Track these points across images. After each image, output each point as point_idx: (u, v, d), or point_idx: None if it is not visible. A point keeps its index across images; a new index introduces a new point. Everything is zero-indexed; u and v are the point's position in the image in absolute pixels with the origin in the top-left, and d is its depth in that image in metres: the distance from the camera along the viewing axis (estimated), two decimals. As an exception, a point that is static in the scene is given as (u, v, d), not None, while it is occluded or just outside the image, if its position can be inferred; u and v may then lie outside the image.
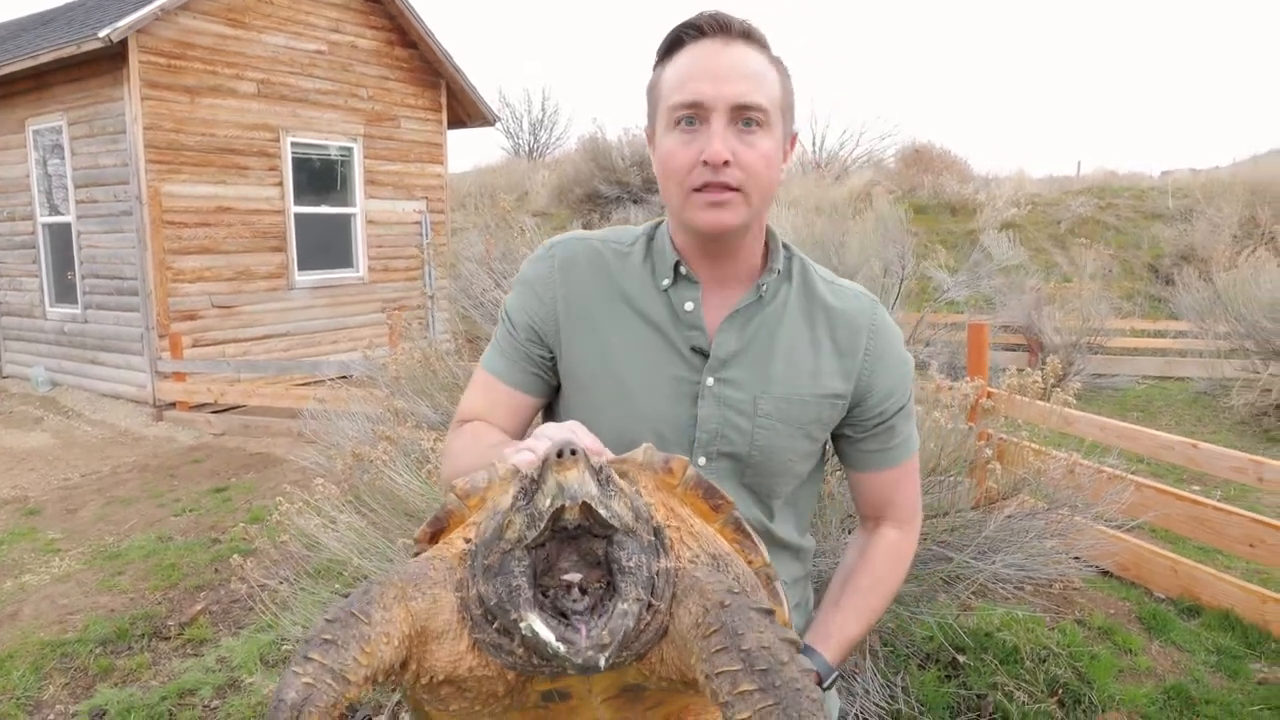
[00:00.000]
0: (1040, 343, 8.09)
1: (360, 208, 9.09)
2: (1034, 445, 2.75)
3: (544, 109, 28.74)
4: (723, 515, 0.89)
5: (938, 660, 2.78)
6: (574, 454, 0.71)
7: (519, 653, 0.74)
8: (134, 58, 7.06)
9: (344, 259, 9.05)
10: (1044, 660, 2.77)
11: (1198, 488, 4.59)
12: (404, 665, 0.76)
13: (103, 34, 6.66)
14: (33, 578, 4.02)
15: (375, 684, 0.73)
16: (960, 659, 2.76)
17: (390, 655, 0.73)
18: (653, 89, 1.07)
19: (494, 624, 0.75)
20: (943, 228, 12.76)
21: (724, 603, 0.72)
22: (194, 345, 7.68)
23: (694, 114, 1.00)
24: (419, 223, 9.71)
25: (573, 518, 0.71)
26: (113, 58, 7.08)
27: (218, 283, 7.90)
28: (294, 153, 8.42)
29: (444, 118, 9.91)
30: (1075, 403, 3.00)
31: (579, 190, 14.08)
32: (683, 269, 1.09)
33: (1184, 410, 7.23)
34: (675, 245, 1.10)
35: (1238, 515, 3.28)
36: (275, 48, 8.19)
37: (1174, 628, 3.15)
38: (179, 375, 7.39)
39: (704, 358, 1.08)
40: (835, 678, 1.05)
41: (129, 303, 7.63)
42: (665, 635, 0.76)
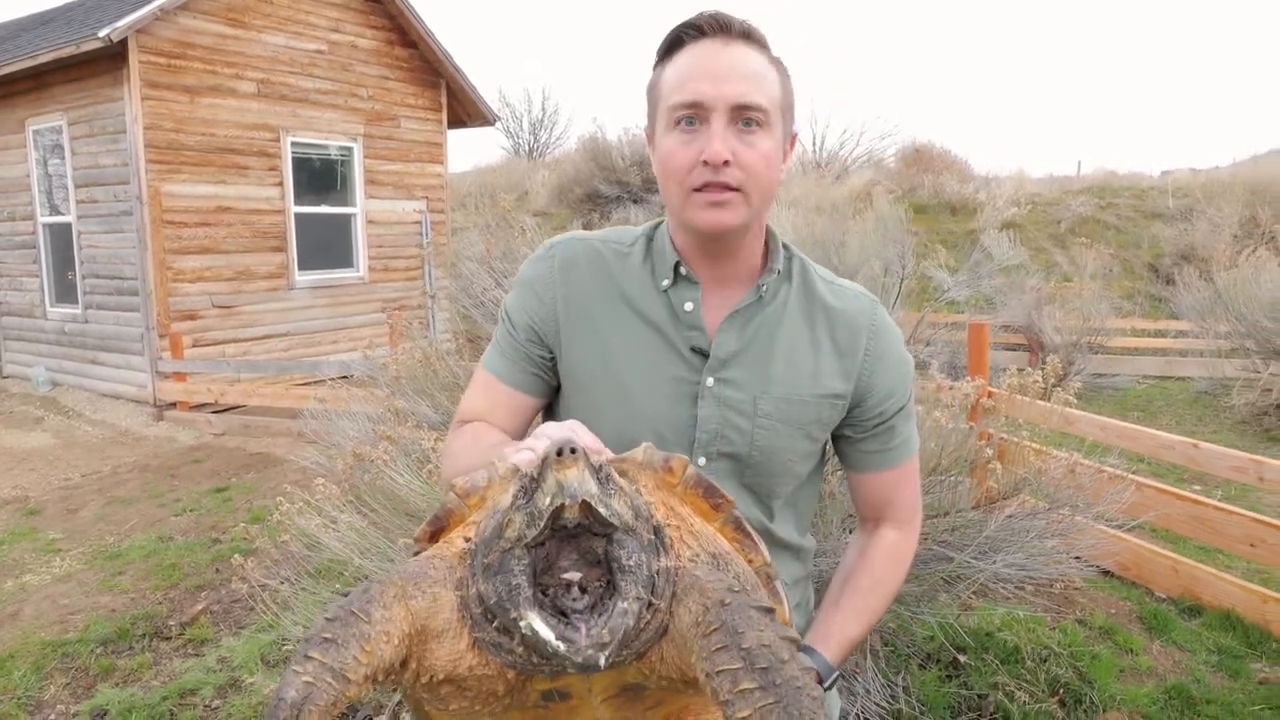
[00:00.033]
0: (1041, 342, 8.09)
1: (360, 207, 9.09)
2: (1034, 445, 2.75)
3: (544, 109, 28.80)
4: (723, 514, 0.89)
5: (939, 660, 2.78)
6: (574, 452, 0.71)
7: (519, 651, 0.74)
8: (134, 57, 7.06)
9: (344, 259, 9.05)
10: (1045, 660, 2.77)
11: (1198, 487, 4.59)
12: (404, 664, 0.76)
13: (102, 34, 6.66)
14: (33, 578, 4.02)
15: (375, 683, 0.73)
16: (961, 659, 2.76)
17: (390, 654, 0.73)
18: (652, 89, 1.07)
19: (494, 623, 0.75)
20: (943, 227, 12.75)
21: (724, 601, 0.72)
22: (194, 345, 7.68)
23: (694, 114, 1.00)
24: (419, 222, 9.71)
25: (572, 516, 0.71)
26: (113, 58, 7.08)
27: (218, 283, 7.90)
28: (294, 152, 8.42)
29: (444, 117, 9.91)
30: (1076, 402, 3.00)
31: (579, 190, 14.07)
32: (683, 269, 1.09)
33: (1184, 410, 7.23)
34: (675, 245, 1.10)
35: (1238, 515, 3.27)
36: (275, 47, 8.19)
37: (1175, 627, 3.15)
38: (179, 375, 7.39)
39: (704, 358, 1.08)
40: (835, 678, 1.05)
41: (129, 303, 7.63)
42: (665, 634, 0.76)
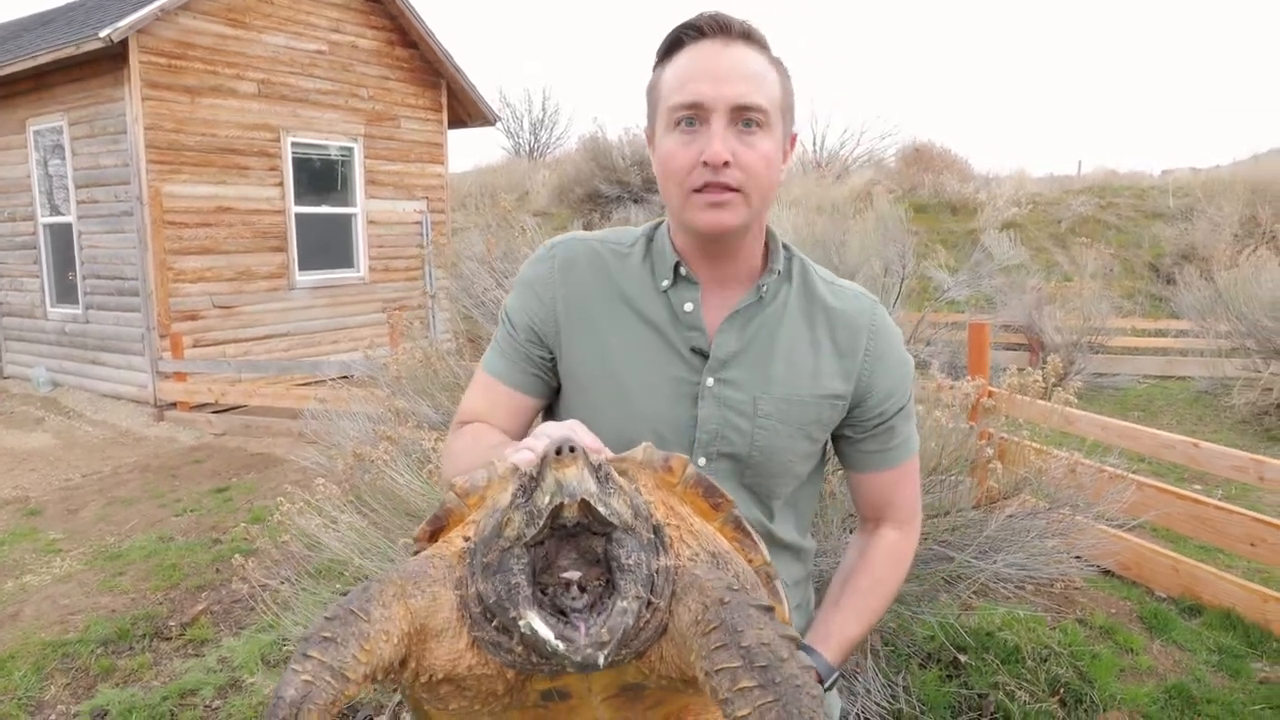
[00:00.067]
0: (1041, 342, 8.09)
1: (361, 208, 9.09)
2: (1035, 444, 2.75)
3: (544, 109, 28.86)
4: (722, 513, 0.89)
5: (939, 660, 2.78)
6: (573, 451, 0.71)
7: (518, 651, 0.74)
8: (134, 58, 7.06)
9: (345, 259, 9.05)
10: (1045, 660, 2.77)
11: (1199, 487, 4.59)
12: (403, 663, 0.76)
13: (103, 34, 6.67)
14: (34, 578, 4.02)
15: (375, 682, 0.73)
16: (961, 658, 2.76)
17: (389, 653, 0.73)
18: (652, 89, 1.07)
19: (493, 622, 0.75)
20: (943, 227, 12.75)
21: (724, 600, 0.72)
22: (195, 345, 7.68)
23: (694, 115, 1.00)
24: (419, 223, 9.71)
25: (571, 515, 0.70)
26: (113, 58, 7.09)
27: (218, 283, 7.90)
28: (294, 153, 8.43)
29: (444, 118, 9.91)
30: (1076, 402, 3.00)
31: (579, 190, 14.07)
32: (682, 270, 1.09)
33: (1185, 409, 7.23)
34: (675, 246, 1.10)
35: (1239, 514, 3.27)
36: (276, 48, 8.19)
37: (1175, 627, 3.15)
38: (180, 375, 7.40)
39: (704, 358, 1.08)
40: (836, 678, 1.05)
41: (130, 303, 7.64)
42: (665, 633, 0.76)
